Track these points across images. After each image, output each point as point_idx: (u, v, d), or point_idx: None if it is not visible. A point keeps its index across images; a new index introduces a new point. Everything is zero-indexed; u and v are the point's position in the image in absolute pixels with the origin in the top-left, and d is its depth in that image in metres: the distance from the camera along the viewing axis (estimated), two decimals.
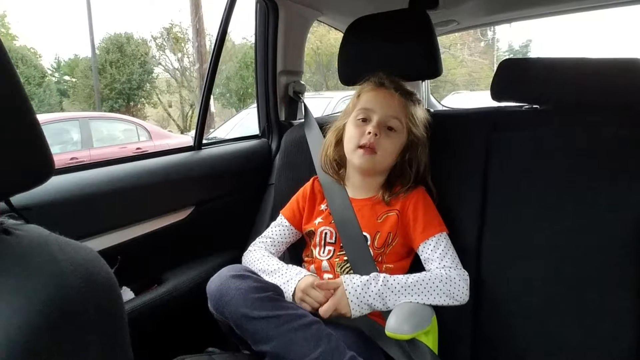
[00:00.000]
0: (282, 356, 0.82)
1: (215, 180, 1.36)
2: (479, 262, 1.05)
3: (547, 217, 1.01)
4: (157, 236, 1.17)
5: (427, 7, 1.52)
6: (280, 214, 1.17)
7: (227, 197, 1.40)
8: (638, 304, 0.93)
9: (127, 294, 1.12)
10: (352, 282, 0.92)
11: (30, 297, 0.39)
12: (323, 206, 1.11)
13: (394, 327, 0.87)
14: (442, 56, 1.27)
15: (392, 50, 1.19)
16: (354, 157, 1.03)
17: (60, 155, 5.38)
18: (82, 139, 5.84)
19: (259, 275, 0.94)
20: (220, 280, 0.90)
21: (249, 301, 0.84)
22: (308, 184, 1.17)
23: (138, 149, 5.60)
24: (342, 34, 1.26)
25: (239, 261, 1.10)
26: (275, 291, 0.89)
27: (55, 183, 0.96)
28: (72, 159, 5.17)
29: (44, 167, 0.47)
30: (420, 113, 1.08)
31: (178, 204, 1.24)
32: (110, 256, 1.01)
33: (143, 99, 13.27)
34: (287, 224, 1.14)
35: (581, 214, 0.98)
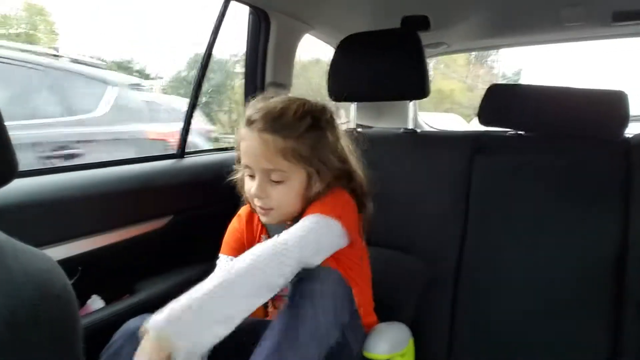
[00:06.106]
0: None
1: (195, 189, 1.33)
2: (457, 287, 1.04)
3: (525, 242, 1.01)
4: (132, 244, 1.13)
5: (419, 29, 1.52)
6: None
7: (207, 207, 1.37)
8: (613, 334, 0.93)
9: (96, 302, 1.07)
10: (154, 319, 0.66)
11: None
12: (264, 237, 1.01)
13: (370, 346, 0.85)
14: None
15: (381, 69, 1.19)
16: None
17: None
18: None
19: None
20: None
21: None
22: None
23: None
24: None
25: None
26: None
27: (25, 185, 0.92)
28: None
29: (6, 168, 0.44)
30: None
31: (156, 212, 1.21)
32: (81, 263, 0.98)
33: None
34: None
35: (559, 241, 0.99)
